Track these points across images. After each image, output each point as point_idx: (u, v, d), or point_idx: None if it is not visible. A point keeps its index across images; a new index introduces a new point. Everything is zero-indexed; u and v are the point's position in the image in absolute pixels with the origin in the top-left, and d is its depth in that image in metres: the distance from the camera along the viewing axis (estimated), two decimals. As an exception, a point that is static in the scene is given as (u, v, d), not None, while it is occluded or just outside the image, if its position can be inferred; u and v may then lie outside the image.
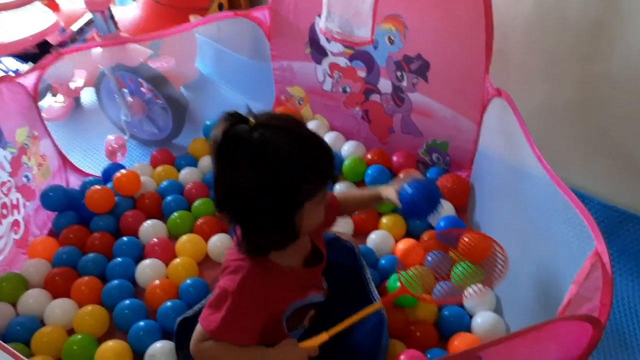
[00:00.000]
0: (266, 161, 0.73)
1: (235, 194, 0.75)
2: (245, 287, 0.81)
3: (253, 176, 0.73)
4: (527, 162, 1.03)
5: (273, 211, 0.76)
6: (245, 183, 0.74)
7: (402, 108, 1.46)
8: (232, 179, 0.75)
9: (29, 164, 1.33)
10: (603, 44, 1.17)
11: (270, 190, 0.74)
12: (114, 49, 1.45)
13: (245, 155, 0.73)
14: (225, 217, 0.80)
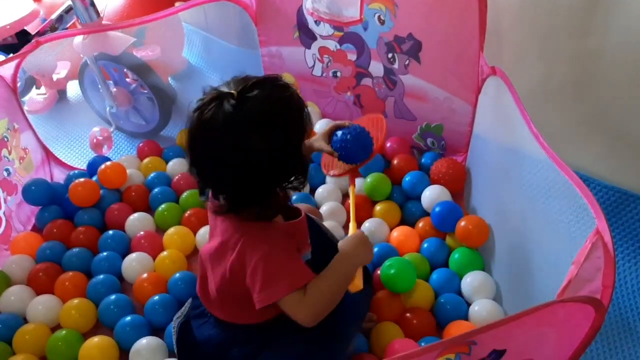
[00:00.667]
0: (268, 123, 0.75)
1: (249, 163, 0.75)
2: (272, 242, 0.80)
3: (262, 140, 0.74)
4: (524, 142, 1.00)
5: (288, 163, 0.79)
6: (259, 149, 0.74)
7: (395, 91, 1.42)
8: (244, 150, 0.74)
9: (9, 157, 1.29)
10: (598, 19, 1.13)
11: (281, 146, 0.77)
12: (96, 37, 1.40)
13: (252, 126, 0.74)
14: (225, 195, 0.80)
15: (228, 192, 0.80)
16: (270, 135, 0.75)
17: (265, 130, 0.75)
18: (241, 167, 0.75)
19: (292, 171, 0.80)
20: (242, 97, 0.74)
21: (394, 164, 1.41)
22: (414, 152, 1.50)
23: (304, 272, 0.81)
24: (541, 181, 0.95)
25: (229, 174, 0.76)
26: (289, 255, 0.81)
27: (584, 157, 1.28)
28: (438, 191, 1.29)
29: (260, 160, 0.75)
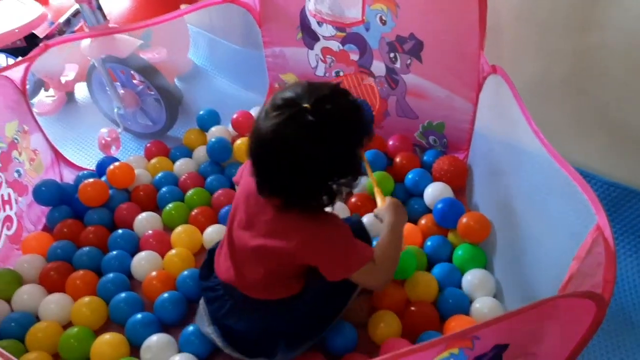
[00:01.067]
0: (345, 132, 0.83)
1: (324, 169, 0.84)
2: (334, 225, 0.91)
3: (340, 148, 0.83)
4: (524, 139, 1.01)
5: (354, 165, 0.88)
6: (335, 156, 0.83)
7: (397, 90, 1.43)
8: (323, 158, 0.82)
9: (19, 159, 1.31)
10: (598, 12, 1.14)
11: (352, 151, 0.86)
12: (103, 40, 1.43)
13: (332, 136, 0.82)
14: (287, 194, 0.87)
15: (295, 193, 0.86)
16: (347, 143, 0.84)
17: (343, 138, 0.83)
18: (317, 173, 0.84)
19: (351, 172, 0.88)
20: (318, 110, 0.80)
21: (396, 161, 1.43)
22: (416, 150, 1.51)
23: (367, 246, 0.93)
24: (541, 177, 0.97)
25: (303, 180, 0.84)
26: (351, 235, 0.92)
27: (585, 153, 1.29)
28: (440, 188, 1.31)
29: (334, 165, 0.85)
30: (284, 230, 0.89)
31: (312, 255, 0.90)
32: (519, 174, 1.08)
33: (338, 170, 0.86)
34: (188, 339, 1.05)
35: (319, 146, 0.81)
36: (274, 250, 0.90)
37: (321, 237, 0.89)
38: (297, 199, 0.87)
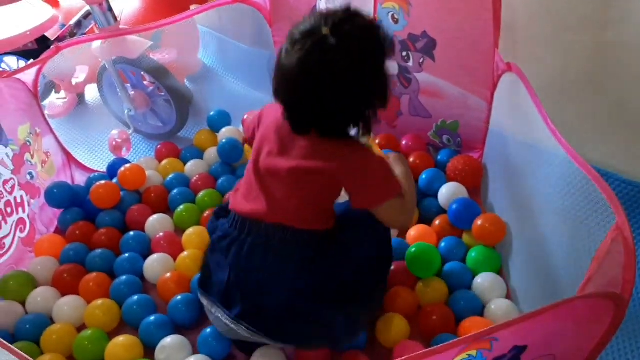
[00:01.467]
0: (369, 51, 0.84)
1: (355, 90, 0.84)
2: (370, 154, 0.91)
3: (367, 67, 0.84)
4: (541, 138, 1.00)
5: (383, 83, 0.88)
6: (364, 75, 0.84)
7: (410, 89, 1.42)
8: (353, 79, 0.83)
9: (32, 161, 1.31)
10: (615, 8, 1.12)
11: (378, 69, 0.86)
12: (114, 42, 1.43)
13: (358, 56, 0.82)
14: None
15: (331, 121, 0.87)
16: (372, 59, 0.84)
17: (368, 55, 0.83)
18: (349, 96, 0.84)
19: (382, 91, 0.88)
20: (338, 33, 0.80)
21: (410, 162, 1.41)
22: (429, 149, 1.50)
23: (398, 181, 0.92)
24: (559, 177, 0.95)
25: (337, 106, 0.85)
26: (389, 166, 0.92)
27: (603, 152, 1.27)
28: (455, 188, 1.29)
29: (364, 84, 0.84)
30: (322, 153, 0.89)
31: (348, 175, 0.89)
32: (536, 174, 1.06)
33: (369, 89, 0.86)
34: (206, 340, 1.04)
35: (348, 68, 0.81)
36: (311, 171, 0.89)
37: (359, 160, 0.89)
38: (334, 127, 0.88)
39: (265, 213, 0.92)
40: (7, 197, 1.20)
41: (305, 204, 0.92)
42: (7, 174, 1.21)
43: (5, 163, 1.21)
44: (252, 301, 0.93)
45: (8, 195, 1.20)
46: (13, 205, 1.22)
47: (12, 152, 1.24)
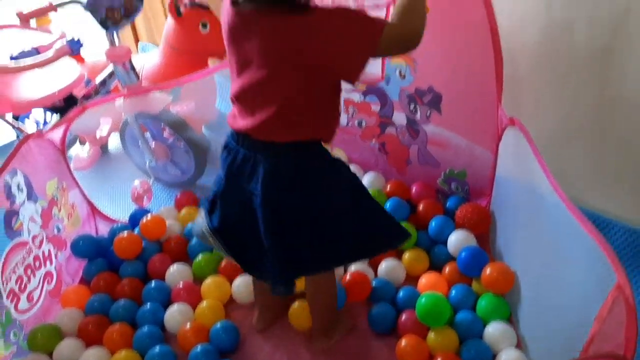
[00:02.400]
0: None
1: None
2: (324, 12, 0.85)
3: None
4: (544, 192, 1.03)
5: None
6: None
7: (418, 140, 1.47)
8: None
9: (59, 215, 1.38)
10: (613, 67, 1.17)
11: None
12: (136, 98, 1.51)
13: None
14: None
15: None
16: None
17: None
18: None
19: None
20: None
21: (419, 209, 1.46)
22: (438, 196, 1.54)
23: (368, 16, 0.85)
24: (563, 231, 0.98)
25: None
26: (348, 11, 0.85)
27: (607, 200, 1.30)
28: (463, 236, 1.33)
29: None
30: (291, 32, 0.85)
31: (329, 33, 0.84)
32: (542, 225, 1.10)
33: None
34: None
35: None
36: (287, 53, 0.86)
37: (320, 23, 0.84)
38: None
39: (252, 130, 0.93)
40: (36, 252, 1.27)
41: (284, 105, 0.90)
42: (36, 229, 1.28)
43: (35, 219, 1.28)
44: (232, 219, 0.99)
45: (37, 249, 1.27)
46: (41, 259, 1.28)
47: (41, 207, 1.31)
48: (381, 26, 0.83)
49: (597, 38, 1.17)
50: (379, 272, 1.33)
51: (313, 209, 0.97)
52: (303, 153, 0.94)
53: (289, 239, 0.97)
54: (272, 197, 0.94)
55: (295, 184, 0.95)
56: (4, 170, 1.17)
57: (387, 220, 1.08)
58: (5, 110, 1.53)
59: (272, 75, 0.88)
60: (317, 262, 1.03)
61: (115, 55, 1.46)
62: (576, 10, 1.17)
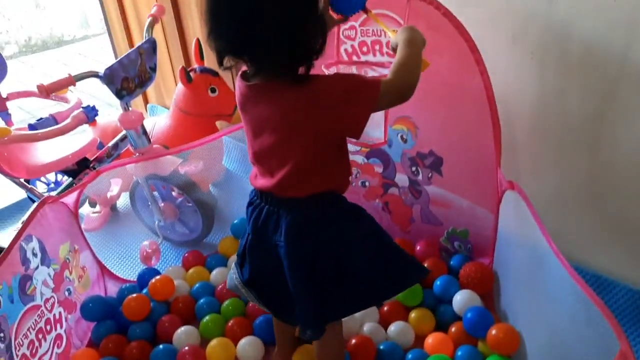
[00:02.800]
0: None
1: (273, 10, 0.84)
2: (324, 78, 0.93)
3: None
4: (545, 254, 1.06)
5: (310, 8, 0.87)
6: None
7: (420, 200, 1.52)
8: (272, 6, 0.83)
9: (70, 277, 1.41)
10: (606, 132, 1.23)
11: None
12: (148, 162, 1.56)
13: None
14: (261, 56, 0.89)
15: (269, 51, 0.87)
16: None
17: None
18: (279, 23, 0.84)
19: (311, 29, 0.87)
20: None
21: (424, 268, 1.48)
22: (442, 254, 1.57)
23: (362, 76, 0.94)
24: (565, 294, 1.00)
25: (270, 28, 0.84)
26: (345, 75, 0.94)
27: (608, 260, 1.33)
28: (468, 296, 1.35)
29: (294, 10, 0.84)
30: (287, 100, 0.91)
31: (331, 100, 0.90)
32: (544, 287, 1.12)
33: (299, 15, 0.85)
34: None
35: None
36: (294, 121, 0.92)
37: (322, 89, 0.90)
38: (276, 63, 0.88)
39: (272, 188, 1.00)
40: (48, 315, 1.28)
41: (297, 166, 0.96)
42: (49, 292, 1.30)
43: (48, 283, 1.30)
44: (261, 271, 1.06)
45: (48, 313, 1.29)
46: (52, 322, 1.30)
47: (54, 271, 1.33)
48: (378, 86, 0.90)
49: (589, 105, 1.23)
50: (388, 333, 1.34)
51: (335, 255, 1.03)
52: (321, 204, 1.01)
53: (314, 287, 1.03)
54: (295, 246, 1.01)
55: (316, 233, 1.01)
56: (20, 237, 1.20)
57: (405, 258, 1.13)
58: (20, 174, 1.58)
59: (283, 140, 0.95)
60: (344, 306, 1.09)
61: (129, 122, 1.52)
62: (568, 78, 1.23)
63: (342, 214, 1.04)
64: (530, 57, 1.27)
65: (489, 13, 1.28)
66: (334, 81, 0.93)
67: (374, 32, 1.34)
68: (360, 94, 0.90)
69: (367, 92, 0.90)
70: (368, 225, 1.09)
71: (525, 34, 1.25)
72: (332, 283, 1.04)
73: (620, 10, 1.10)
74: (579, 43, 1.18)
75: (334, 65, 1.39)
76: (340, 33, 1.40)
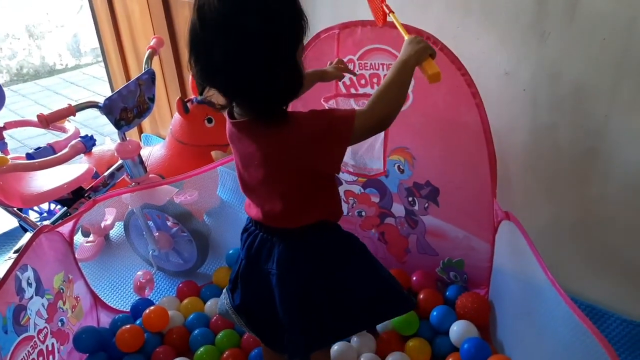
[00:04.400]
0: (265, 12, 0.81)
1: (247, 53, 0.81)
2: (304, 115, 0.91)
3: (261, 29, 0.81)
4: (541, 284, 1.07)
5: (286, 54, 0.84)
6: (257, 38, 0.81)
7: (416, 230, 1.53)
8: (243, 41, 0.81)
9: (63, 307, 1.39)
10: (596, 167, 1.26)
11: (278, 34, 0.82)
12: (144, 191, 1.56)
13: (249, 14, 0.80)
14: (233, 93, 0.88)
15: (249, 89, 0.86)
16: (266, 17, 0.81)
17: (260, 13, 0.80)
18: (259, 49, 0.81)
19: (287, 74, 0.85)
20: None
21: (420, 298, 1.49)
22: (438, 285, 1.58)
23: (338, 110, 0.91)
24: (562, 324, 1.01)
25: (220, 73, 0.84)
26: (320, 112, 0.92)
27: (600, 291, 1.35)
28: (465, 327, 1.36)
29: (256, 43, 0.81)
30: (275, 140, 0.91)
31: (306, 137, 0.90)
32: (540, 318, 1.13)
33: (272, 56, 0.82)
34: None
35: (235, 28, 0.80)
36: (276, 158, 0.92)
37: (306, 122, 0.90)
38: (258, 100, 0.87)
39: (263, 219, 1.01)
40: (40, 346, 1.26)
41: (285, 199, 0.97)
42: (42, 323, 1.28)
43: (41, 313, 1.28)
44: (252, 297, 1.06)
45: (41, 344, 1.27)
46: (45, 354, 1.28)
47: (47, 301, 1.32)
48: (352, 119, 0.90)
49: (579, 141, 1.27)
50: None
51: (326, 286, 1.03)
52: (313, 234, 1.02)
53: (304, 317, 1.03)
54: (287, 276, 1.01)
55: (308, 263, 1.02)
56: (16, 266, 1.19)
57: (393, 290, 1.13)
58: (15, 203, 1.57)
59: (268, 176, 0.96)
60: (332, 336, 1.10)
61: (126, 152, 1.53)
62: (560, 115, 1.27)
63: (334, 244, 1.05)
64: (522, 92, 1.31)
65: (483, 49, 1.33)
66: (308, 119, 0.92)
67: (372, 65, 1.37)
68: (333, 131, 0.90)
69: (341, 127, 0.90)
70: (360, 255, 1.09)
71: (517, 71, 1.29)
72: (322, 313, 1.04)
73: (608, 49, 1.15)
74: (569, 80, 1.23)
75: (332, 98, 1.42)
76: (338, 66, 1.44)
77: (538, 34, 1.22)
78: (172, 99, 2.43)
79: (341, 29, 1.38)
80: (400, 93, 0.95)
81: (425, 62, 0.96)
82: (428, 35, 1.24)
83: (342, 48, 1.40)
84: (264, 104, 0.88)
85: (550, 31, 1.20)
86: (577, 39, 1.17)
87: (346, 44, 1.39)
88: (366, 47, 1.37)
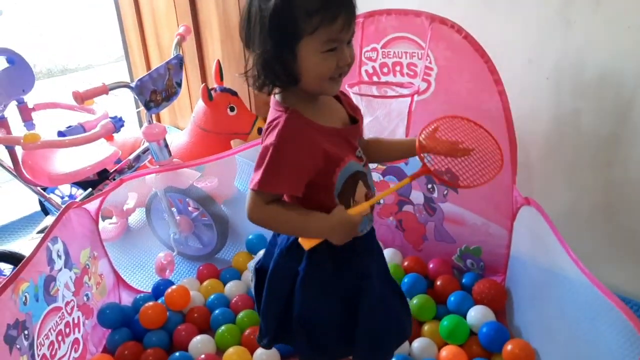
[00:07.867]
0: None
1: (251, 23, 0.84)
2: (284, 135, 0.84)
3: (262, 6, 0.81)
4: (563, 266, 1.09)
5: (277, 37, 0.82)
6: (257, 11, 0.82)
7: (434, 217, 1.55)
8: (251, 11, 0.83)
9: (89, 283, 1.42)
10: (619, 152, 1.28)
11: (274, 15, 0.80)
12: (168, 173, 1.60)
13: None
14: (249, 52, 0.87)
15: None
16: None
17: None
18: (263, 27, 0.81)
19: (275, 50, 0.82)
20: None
21: (437, 284, 1.51)
22: (454, 272, 1.60)
23: (282, 183, 0.85)
24: (585, 304, 1.03)
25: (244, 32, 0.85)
26: (287, 159, 0.85)
27: (619, 277, 1.36)
28: (483, 311, 1.38)
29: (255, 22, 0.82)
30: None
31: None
32: (562, 300, 1.14)
33: (264, 35, 0.81)
34: None
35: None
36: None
37: (273, 135, 0.85)
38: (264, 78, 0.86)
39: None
40: (67, 318, 1.29)
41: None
42: (69, 295, 1.31)
43: (69, 286, 1.31)
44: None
45: (68, 316, 1.30)
46: (71, 325, 1.31)
47: (75, 275, 1.35)
48: (255, 185, 0.86)
49: (603, 127, 1.29)
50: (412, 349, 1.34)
51: (348, 294, 0.99)
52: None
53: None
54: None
55: (332, 269, 0.98)
56: (47, 237, 1.23)
57: (404, 315, 1.08)
58: (43, 182, 1.61)
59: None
60: (341, 348, 1.03)
61: (152, 134, 1.57)
62: (583, 101, 1.30)
63: (359, 251, 0.99)
64: (545, 80, 1.33)
65: (507, 37, 1.35)
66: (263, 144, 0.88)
67: (395, 53, 1.41)
68: (255, 172, 0.87)
69: (253, 176, 0.87)
70: (381, 265, 1.06)
71: (541, 58, 1.32)
72: (336, 322, 0.99)
73: (633, 37, 1.18)
74: (594, 67, 1.25)
75: (356, 85, 1.45)
76: (362, 54, 1.47)
77: (563, 22, 1.25)
78: (192, 89, 2.47)
79: (365, 18, 1.41)
80: (288, 231, 0.96)
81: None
82: (452, 23, 1.27)
83: (366, 36, 1.43)
84: (257, 79, 0.88)
85: (575, 19, 1.23)
86: (602, 27, 1.20)
87: (370, 31, 1.42)
88: (390, 36, 1.40)
